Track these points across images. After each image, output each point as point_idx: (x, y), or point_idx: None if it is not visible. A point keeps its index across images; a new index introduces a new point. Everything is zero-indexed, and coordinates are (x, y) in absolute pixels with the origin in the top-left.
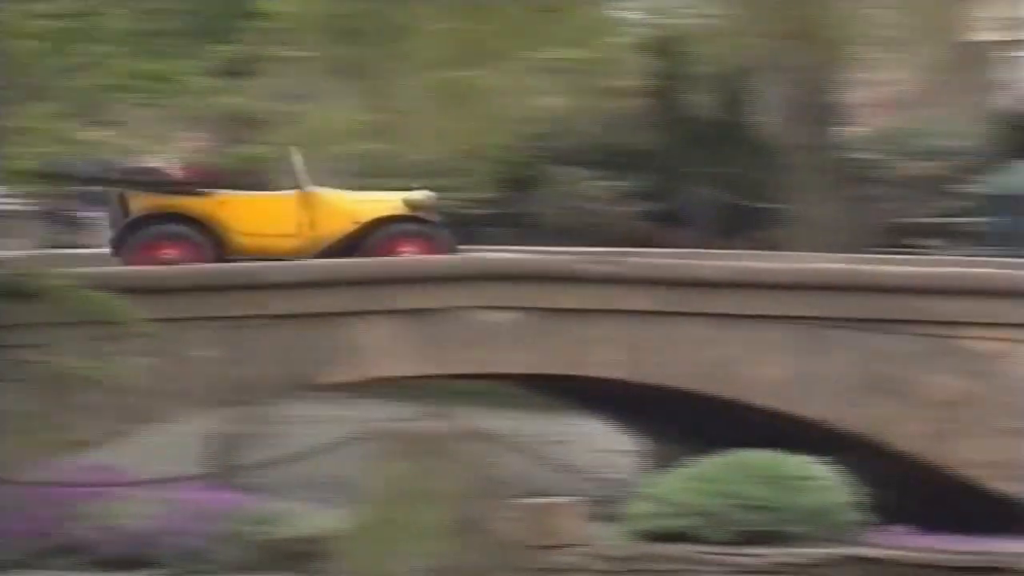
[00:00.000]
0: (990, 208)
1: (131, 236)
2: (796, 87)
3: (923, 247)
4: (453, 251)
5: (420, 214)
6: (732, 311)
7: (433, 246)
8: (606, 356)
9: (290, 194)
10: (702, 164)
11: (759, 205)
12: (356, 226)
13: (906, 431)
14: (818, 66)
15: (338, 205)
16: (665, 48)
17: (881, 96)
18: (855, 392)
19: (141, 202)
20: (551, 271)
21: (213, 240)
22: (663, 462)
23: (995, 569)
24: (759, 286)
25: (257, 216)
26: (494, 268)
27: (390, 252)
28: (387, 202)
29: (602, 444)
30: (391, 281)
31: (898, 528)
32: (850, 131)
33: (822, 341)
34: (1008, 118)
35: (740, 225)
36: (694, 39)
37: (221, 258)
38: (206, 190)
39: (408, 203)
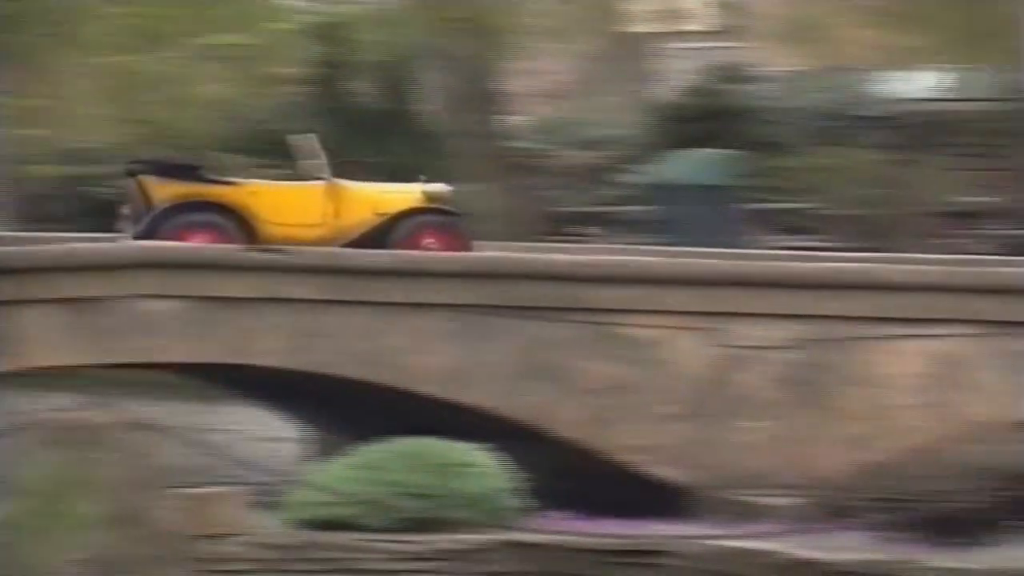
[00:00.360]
0: (647, 197)
1: (161, 224)
2: (459, 75)
3: (583, 235)
4: (471, 244)
5: (442, 206)
6: (395, 299)
7: (455, 238)
8: (270, 345)
9: (317, 184)
10: (366, 152)
11: None
12: (380, 218)
13: (565, 417)
14: (480, 54)
15: (361, 196)
16: (328, 35)
17: (542, 86)
18: (516, 379)
19: (167, 191)
20: (215, 260)
21: (243, 229)
22: (328, 451)
23: (650, 552)
24: (421, 274)
25: (285, 205)
26: (157, 257)
27: (414, 244)
28: (410, 194)
29: (267, 433)
30: (51, 269)
31: (557, 513)
32: (512, 120)
33: (484, 329)
34: (664, 109)
35: None
36: (357, 26)
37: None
38: (236, 179)
39: (428, 195)
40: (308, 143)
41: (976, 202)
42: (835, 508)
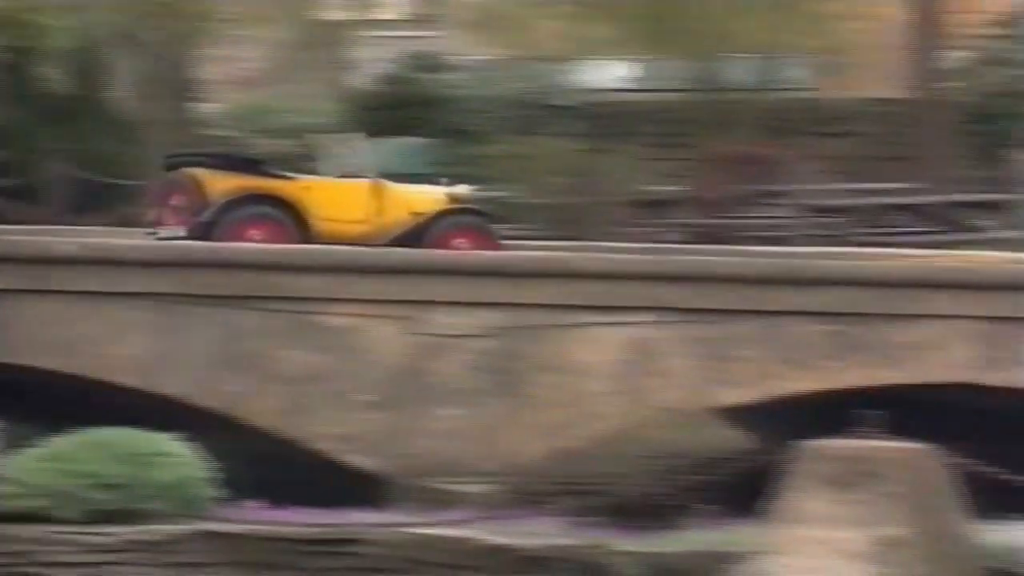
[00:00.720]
0: None
1: (223, 217)
2: (151, 62)
3: None
4: (500, 243)
5: (470, 207)
6: (90, 288)
7: (485, 238)
8: None
9: (363, 182)
10: (56, 139)
11: (116, 181)
12: (416, 218)
13: (261, 407)
14: (173, 41)
15: (399, 196)
16: (15, 20)
17: (236, 73)
18: (212, 369)
19: (226, 184)
20: None
21: (297, 223)
22: (19, 442)
23: (345, 540)
24: (116, 263)
25: (335, 201)
26: None
27: (446, 244)
28: (439, 195)
29: None
30: None
31: (253, 503)
32: (206, 108)
33: (180, 318)
34: (359, 97)
35: (96, 201)
36: (45, 11)
37: (304, 241)
38: (291, 174)
39: (453, 197)
40: (352, 141)
41: (665, 191)
42: (529, 494)
